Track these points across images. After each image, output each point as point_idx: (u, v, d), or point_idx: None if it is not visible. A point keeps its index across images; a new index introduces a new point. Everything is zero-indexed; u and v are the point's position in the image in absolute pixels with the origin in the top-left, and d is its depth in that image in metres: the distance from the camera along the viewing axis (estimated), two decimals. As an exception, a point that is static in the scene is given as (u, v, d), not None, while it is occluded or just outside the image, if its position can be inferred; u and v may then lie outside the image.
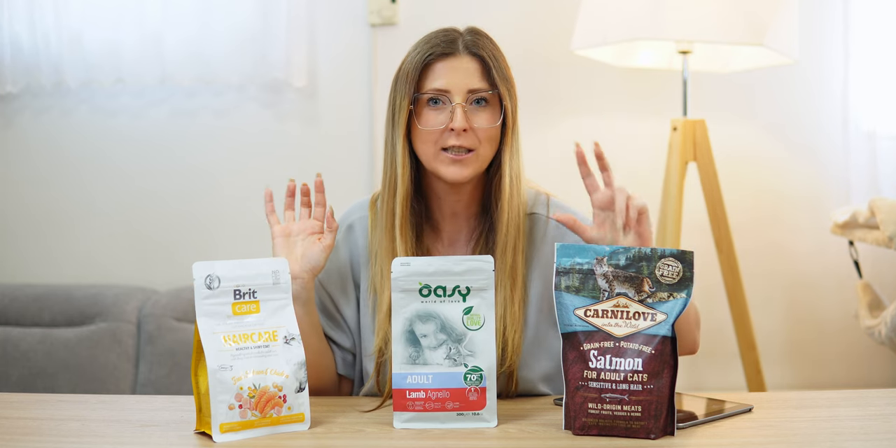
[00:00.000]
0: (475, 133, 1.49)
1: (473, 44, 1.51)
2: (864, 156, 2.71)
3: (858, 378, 2.81)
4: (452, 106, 1.49)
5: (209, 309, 1.33)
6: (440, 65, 1.50)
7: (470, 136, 1.49)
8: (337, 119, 2.86)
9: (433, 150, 1.50)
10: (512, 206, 1.52)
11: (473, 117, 1.49)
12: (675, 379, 1.28)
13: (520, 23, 2.76)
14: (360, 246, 1.60)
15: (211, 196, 2.89)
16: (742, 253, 2.64)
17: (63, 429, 1.36)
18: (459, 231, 1.59)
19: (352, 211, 1.64)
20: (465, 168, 1.50)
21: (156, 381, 2.62)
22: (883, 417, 1.37)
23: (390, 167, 1.54)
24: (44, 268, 2.92)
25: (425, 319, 1.36)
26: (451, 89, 1.49)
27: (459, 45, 1.51)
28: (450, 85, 1.49)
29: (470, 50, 1.51)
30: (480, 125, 1.49)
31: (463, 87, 1.49)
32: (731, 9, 2.37)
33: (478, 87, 1.50)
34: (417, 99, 1.51)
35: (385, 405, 1.47)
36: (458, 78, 1.49)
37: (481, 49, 1.51)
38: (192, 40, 2.76)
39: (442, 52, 1.50)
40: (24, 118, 2.91)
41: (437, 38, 1.52)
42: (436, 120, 1.50)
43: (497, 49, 1.54)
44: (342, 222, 1.63)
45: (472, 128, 1.49)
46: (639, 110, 2.81)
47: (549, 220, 1.58)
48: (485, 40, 1.53)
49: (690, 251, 1.30)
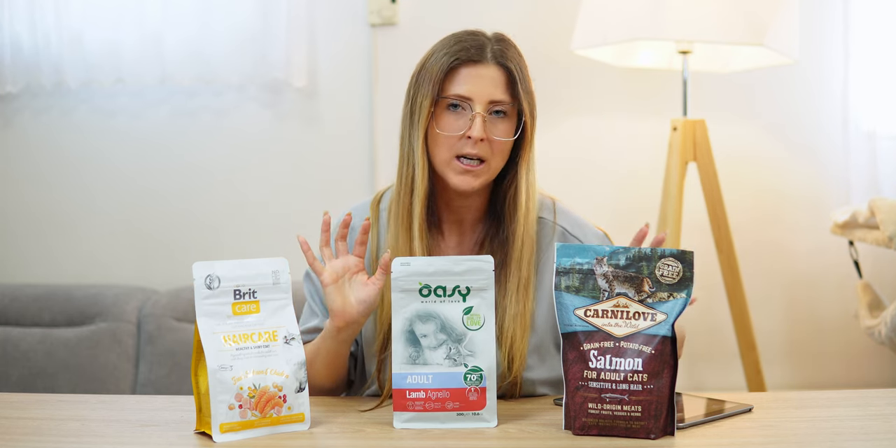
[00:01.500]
0: (490, 144, 1.49)
1: (502, 54, 1.50)
2: (864, 156, 2.71)
3: (858, 378, 2.81)
4: (473, 114, 1.48)
5: (209, 309, 1.33)
6: (466, 70, 1.49)
7: (485, 146, 1.48)
8: (337, 119, 2.86)
9: (447, 156, 1.49)
10: (528, 221, 1.53)
11: (492, 128, 1.49)
12: (675, 379, 1.28)
13: (520, 22, 2.76)
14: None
15: (211, 196, 2.89)
16: (742, 253, 2.64)
17: (63, 429, 1.36)
18: (463, 235, 1.59)
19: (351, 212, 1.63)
20: (475, 179, 1.50)
21: (156, 381, 2.62)
22: (883, 417, 1.37)
23: (407, 166, 1.52)
24: (44, 268, 2.92)
25: (425, 319, 1.36)
26: (473, 97, 1.48)
27: (488, 53, 1.49)
28: (473, 93, 1.48)
29: (498, 60, 1.49)
30: (498, 136, 1.49)
31: (486, 96, 1.48)
32: (731, 9, 2.37)
33: (500, 99, 1.49)
34: (438, 101, 1.50)
35: (384, 405, 1.47)
36: (482, 86, 1.48)
37: (509, 60, 1.49)
38: (192, 40, 2.76)
39: (469, 57, 1.48)
40: (24, 118, 2.91)
41: (467, 41, 1.50)
42: (454, 125, 1.49)
43: (523, 60, 1.52)
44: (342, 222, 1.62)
45: (489, 138, 1.48)
46: (639, 110, 2.81)
47: (556, 226, 1.59)
48: (512, 51, 1.51)
49: (690, 251, 1.30)
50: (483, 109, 1.48)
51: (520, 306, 1.51)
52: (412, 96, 1.52)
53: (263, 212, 2.88)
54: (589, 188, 2.80)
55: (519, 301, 1.51)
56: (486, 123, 1.48)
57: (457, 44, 1.50)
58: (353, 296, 1.44)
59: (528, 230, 1.53)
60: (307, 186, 2.86)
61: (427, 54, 1.53)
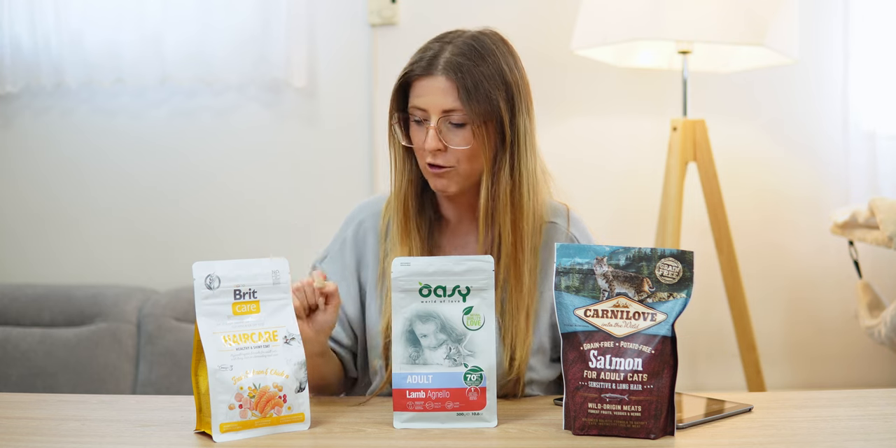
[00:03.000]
0: (453, 152, 1.50)
1: (452, 64, 1.48)
2: (864, 156, 2.71)
3: (858, 378, 2.81)
4: (428, 125, 1.50)
5: (209, 309, 1.33)
6: (418, 83, 1.51)
7: (447, 155, 1.50)
8: (337, 119, 2.86)
9: (423, 164, 1.53)
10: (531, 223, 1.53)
11: (449, 137, 1.50)
12: (675, 379, 1.28)
13: (520, 22, 2.76)
14: (368, 244, 1.61)
15: (211, 196, 2.89)
16: (742, 253, 2.64)
17: (63, 429, 1.37)
18: (468, 233, 1.60)
19: (362, 208, 1.66)
20: (448, 182, 1.52)
21: (156, 381, 2.62)
22: (883, 417, 1.37)
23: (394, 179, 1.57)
24: (44, 268, 2.92)
25: (425, 319, 1.37)
26: (427, 108, 1.50)
27: (439, 64, 1.49)
28: (426, 104, 1.50)
29: (446, 71, 1.48)
30: (455, 146, 1.50)
31: (437, 106, 1.49)
32: (731, 9, 2.37)
33: (451, 108, 1.49)
34: (403, 115, 1.53)
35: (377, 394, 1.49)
36: (432, 98, 1.49)
37: (458, 70, 1.48)
38: (192, 40, 2.76)
39: (419, 71, 1.50)
40: (24, 118, 2.91)
41: (424, 52, 1.52)
42: (417, 137, 1.52)
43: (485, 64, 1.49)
44: (352, 220, 1.64)
45: (447, 148, 1.50)
46: (639, 110, 2.81)
47: (569, 234, 1.60)
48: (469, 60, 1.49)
49: (690, 251, 1.30)
50: (436, 121, 1.49)
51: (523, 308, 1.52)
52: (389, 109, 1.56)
53: (263, 211, 2.88)
54: (589, 188, 2.79)
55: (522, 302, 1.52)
56: (443, 133, 1.49)
57: (416, 55, 1.52)
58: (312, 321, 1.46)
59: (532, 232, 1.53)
60: (307, 186, 2.86)
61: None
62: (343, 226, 1.65)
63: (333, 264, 1.61)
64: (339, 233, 1.65)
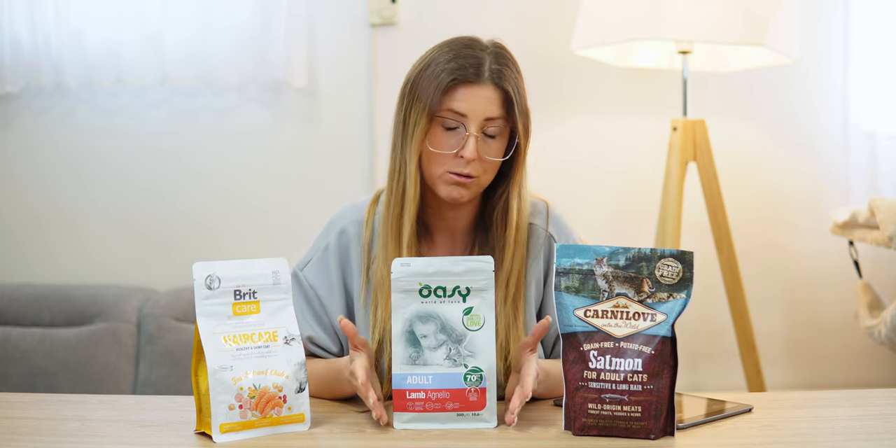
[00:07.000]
0: (482, 162, 1.49)
1: (500, 74, 1.48)
2: (864, 156, 2.71)
3: (858, 378, 2.81)
4: (467, 134, 1.47)
5: (209, 309, 1.33)
6: (462, 89, 1.47)
7: (476, 165, 1.49)
8: (337, 119, 2.86)
9: (440, 171, 1.50)
10: (519, 233, 1.54)
11: (485, 148, 1.49)
12: (675, 379, 1.28)
13: (520, 23, 2.77)
14: (352, 254, 1.58)
15: (211, 195, 2.89)
16: (742, 253, 2.64)
17: (63, 429, 1.37)
18: (454, 244, 1.59)
19: (343, 213, 1.61)
20: (465, 191, 1.50)
21: (156, 381, 2.62)
22: (883, 417, 1.37)
23: (398, 177, 1.52)
24: (44, 268, 2.92)
25: (425, 320, 1.36)
26: (469, 115, 1.47)
27: (486, 73, 1.48)
28: (469, 111, 1.47)
29: (495, 80, 1.48)
30: (490, 157, 1.49)
31: (481, 115, 1.47)
32: (731, 9, 2.37)
33: (494, 116, 1.48)
34: (433, 118, 1.48)
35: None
36: (477, 105, 1.47)
37: (506, 81, 1.48)
38: (192, 40, 2.76)
39: (466, 77, 1.47)
40: (24, 118, 2.91)
41: (465, 58, 1.48)
42: (448, 143, 1.48)
43: (520, 77, 1.51)
44: (333, 225, 1.60)
45: (481, 157, 1.48)
46: (639, 110, 2.81)
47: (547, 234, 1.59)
48: (510, 69, 1.50)
49: (690, 251, 1.30)
50: (477, 128, 1.48)
51: (511, 316, 1.52)
52: (405, 108, 1.51)
53: (263, 211, 2.88)
54: (589, 188, 2.80)
55: (510, 311, 1.52)
56: (479, 143, 1.48)
57: (454, 61, 1.48)
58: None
59: (520, 242, 1.54)
60: (307, 186, 2.86)
61: (423, 64, 1.51)
62: (324, 231, 1.61)
63: (318, 269, 1.58)
64: (320, 238, 1.61)
